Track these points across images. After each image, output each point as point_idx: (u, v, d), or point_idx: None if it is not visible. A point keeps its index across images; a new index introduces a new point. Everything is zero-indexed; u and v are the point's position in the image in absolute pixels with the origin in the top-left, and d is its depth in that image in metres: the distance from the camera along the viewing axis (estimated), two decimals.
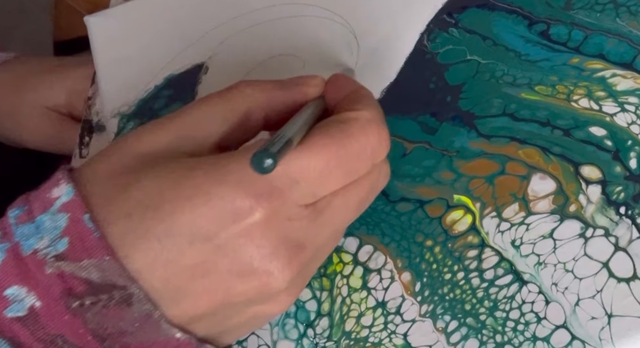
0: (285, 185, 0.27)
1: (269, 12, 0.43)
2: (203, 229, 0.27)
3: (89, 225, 0.26)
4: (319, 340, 0.36)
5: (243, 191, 0.27)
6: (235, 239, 0.27)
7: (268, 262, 0.27)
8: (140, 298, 0.26)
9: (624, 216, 0.34)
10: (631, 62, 0.37)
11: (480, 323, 0.34)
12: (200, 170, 0.27)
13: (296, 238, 0.28)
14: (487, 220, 0.36)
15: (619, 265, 0.33)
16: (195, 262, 0.27)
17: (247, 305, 0.29)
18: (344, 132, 0.28)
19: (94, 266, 0.26)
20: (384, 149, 0.30)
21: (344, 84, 0.33)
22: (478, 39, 0.40)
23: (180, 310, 0.27)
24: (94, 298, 0.26)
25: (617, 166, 0.35)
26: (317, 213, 0.28)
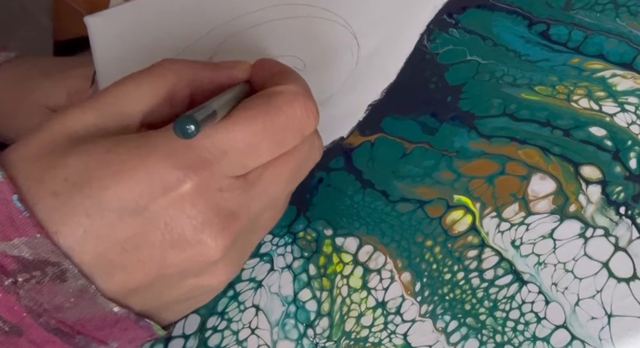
0: (213, 156, 0.28)
1: (269, 12, 0.43)
2: (132, 202, 0.27)
3: (17, 205, 0.27)
4: (319, 340, 0.36)
5: (170, 164, 0.27)
6: (165, 210, 0.27)
7: (200, 232, 0.27)
8: (74, 273, 0.27)
9: (624, 216, 0.34)
10: (631, 62, 0.37)
11: (480, 323, 0.34)
12: (126, 146, 0.28)
13: (228, 208, 0.28)
14: (487, 220, 0.36)
15: (619, 265, 0.33)
16: (126, 235, 0.27)
17: (184, 277, 0.29)
18: (270, 104, 0.29)
19: (25, 244, 0.27)
20: (312, 121, 0.30)
21: (270, 65, 0.33)
22: (478, 40, 0.40)
23: (115, 284, 0.28)
24: (27, 275, 0.27)
25: (617, 166, 0.35)
26: (248, 184, 0.29)
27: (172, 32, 0.44)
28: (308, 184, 0.39)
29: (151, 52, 0.45)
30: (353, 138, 0.40)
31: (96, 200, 0.27)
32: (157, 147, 0.27)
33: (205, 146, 0.28)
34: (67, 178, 0.27)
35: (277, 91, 0.30)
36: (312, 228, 0.38)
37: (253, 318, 0.37)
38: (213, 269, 0.29)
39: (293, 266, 0.37)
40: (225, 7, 0.43)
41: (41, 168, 0.28)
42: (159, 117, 0.31)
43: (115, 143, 0.28)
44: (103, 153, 0.28)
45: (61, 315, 0.28)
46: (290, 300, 0.37)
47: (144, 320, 0.29)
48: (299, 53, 0.42)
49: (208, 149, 0.28)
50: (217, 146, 0.28)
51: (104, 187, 0.27)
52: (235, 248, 0.29)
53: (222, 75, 0.33)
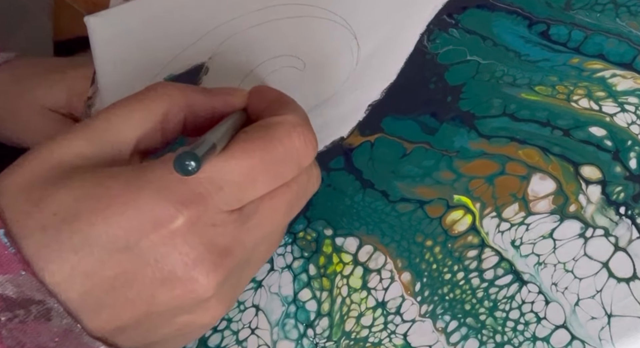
0: (207, 191, 0.27)
1: (270, 12, 0.43)
2: (121, 238, 0.26)
3: (3, 241, 0.26)
4: (319, 340, 0.36)
5: (162, 199, 0.26)
6: (156, 247, 0.26)
7: (192, 269, 0.27)
8: (59, 312, 0.26)
9: (624, 216, 0.34)
10: (631, 62, 0.37)
11: (480, 323, 0.34)
12: (117, 180, 0.27)
13: (222, 244, 0.27)
14: (487, 220, 0.36)
15: (618, 265, 0.33)
16: (115, 272, 0.26)
17: (174, 315, 0.28)
18: (269, 136, 0.28)
19: (9, 282, 0.26)
20: (311, 152, 0.29)
21: (267, 93, 0.33)
22: (478, 40, 0.40)
23: (102, 322, 0.27)
24: (10, 314, 0.26)
25: (617, 166, 0.35)
26: (244, 218, 0.28)
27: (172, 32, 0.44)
28: None
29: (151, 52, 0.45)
30: (353, 138, 0.40)
31: (85, 236, 0.26)
32: (149, 181, 0.27)
33: (200, 180, 0.27)
34: (56, 213, 0.26)
35: (275, 121, 0.29)
36: (312, 228, 0.38)
37: (253, 318, 0.37)
38: (205, 306, 0.28)
39: (293, 266, 0.37)
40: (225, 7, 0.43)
41: (30, 201, 0.27)
42: (152, 143, 0.30)
43: (106, 176, 0.27)
44: (94, 186, 0.27)
45: None
46: (290, 300, 0.37)
47: None
48: (299, 53, 0.42)
49: (203, 184, 0.27)
50: (212, 181, 0.27)
51: (93, 223, 0.26)
52: (228, 284, 0.28)
53: (217, 101, 0.32)
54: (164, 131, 0.31)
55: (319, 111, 0.40)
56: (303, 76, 0.41)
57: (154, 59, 0.45)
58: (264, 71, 0.42)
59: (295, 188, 0.30)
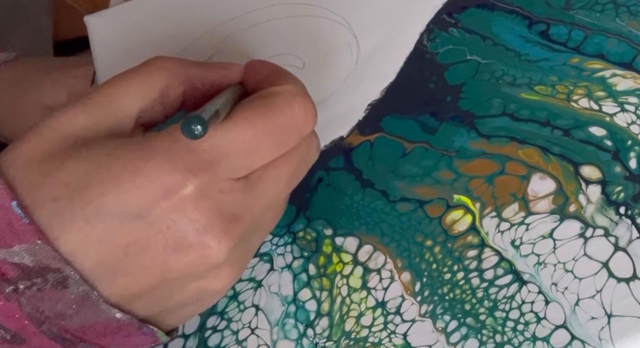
0: (214, 159, 0.27)
1: (269, 11, 0.43)
2: (133, 207, 0.27)
3: (17, 212, 0.26)
4: (318, 340, 0.36)
5: (171, 167, 0.27)
6: (167, 214, 0.27)
7: (203, 234, 0.27)
8: (75, 279, 0.26)
9: (624, 216, 0.34)
10: (631, 62, 0.37)
11: (480, 323, 0.34)
12: (126, 149, 0.27)
13: (230, 210, 0.28)
14: (487, 219, 0.36)
15: (618, 265, 0.33)
16: (128, 240, 0.27)
17: (187, 281, 0.29)
18: (269, 105, 0.29)
19: (25, 251, 0.26)
20: (311, 121, 0.30)
21: (263, 66, 0.33)
22: (478, 39, 0.40)
23: (118, 289, 0.27)
24: (28, 282, 0.26)
25: (617, 166, 0.35)
26: (249, 186, 0.29)
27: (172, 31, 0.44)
28: (308, 184, 0.39)
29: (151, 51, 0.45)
30: (353, 138, 0.40)
31: (97, 205, 0.26)
32: (157, 150, 0.27)
33: (206, 148, 0.27)
34: (67, 183, 0.27)
35: (275, 91, 0.30)
36: (311, 228, 0.38)
37: (253, 318, 0.37)
38: (217, 272, 0.29)
39: (293, 266, 0.37)
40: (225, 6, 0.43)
41: (40, 173, 0.27)
42: (152, 116, 0.31)
43: (115, 146, 0.28)
44: (103, 157, 0.27)
45: (63, 322, 0.27)
46: (290, 299, 0.37)
47: (147, 326, 0.29)
48: (299, 52, 0.42)
49: (209, 152, 0.27)
50: (217, 148, 0.28)
51: (104, 192, 0.27)
52: (238, 251, 0.29)
53: (215, 75, 0.33)
54: (164, 104, 0.31)
55: (318, 110, 0.40)
56: (303, 75, 0.41)
57: None
58: None
59: (297, 157, 0.30)
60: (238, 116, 0.28)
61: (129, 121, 0.30)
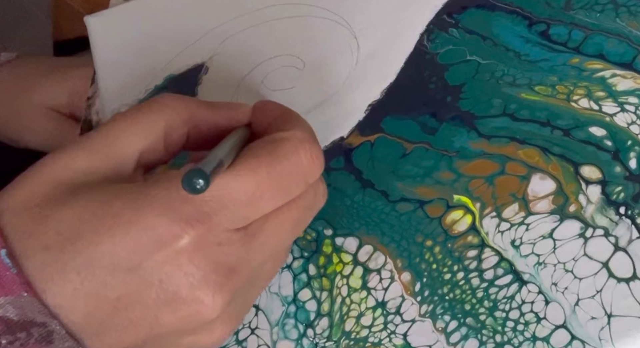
0: (213, 210, 0.26)
1: (269, 12, 0.43)
2: (125, 259, 0.26)
3: (5, 261, 0.25)
4: (318, 340, 0.36)
5: (167, 218, 0.26)
6: (160, 267, 0.26)
7: (197, 289, 0.26)
8: (61, 335, 0.25)
9: (624, 216, 0.34)
10: (631, 62, 0.37)
11: (480, 323, 0.34)
12: (121, 199, 0.26)
13: (227, 263, 0.27)
14: (487, 220, 0.36)
15: (618, 265, 0.33)
16: (118, 294, 0.26)
17: (179, 336, 0.27)
18: (275, 152, 0.28)
19: (10, 304, 0.25)
20: (318, 168, 0.29)
21: (271, 108, 0.32)
22: (478, 39, 0.40)
23: (106, 345, 0.26)
24: (11, 337, 0.25)
25: (617, 166, 0.35)
26: (249, 237, 0.27)
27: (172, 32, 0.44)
28: None
29: (151, 52, 0.45)
30: (353, 138, 0.40)
31: (88, 256, 0.25)
32: (153, 199, 0.26)
33: (206, 199, 0.26)
34: (59, 232, 0.26)
35: (281, 137, 0.28)
36: (311, 228, 0.38)
37: (253, 318, 0.37)
38: (210, 328, 0.28)
39: (293, 266, 0.37)
40: (225, 6, 0.43)
41: (32, 220, 0.26)
42: (155, 156, 0.30)
43: (110, 194, 0.27)
44: (98, 204, 0.26)
45: None
46: (290, 300, 0.37)
47: None
48: (299, 53, 0.42)
49: (208, 203, 0.26)
50: (218, 199, 0.26)
51: (97, 242, 0.26)
52: (233, 305, 0.28)
53: (221, 116, 0.31)
54: (167, 144, 0.30)
55: (318, 110, 0.40)
56: (303, 76, 0.41)
57: (154, 59, 0.45)
58: (264, 70, 0.42)
59: (302, 205, 0.29)
60: (242, 165, 0.27)
61: (130, 162, 0.29)
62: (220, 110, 0.32)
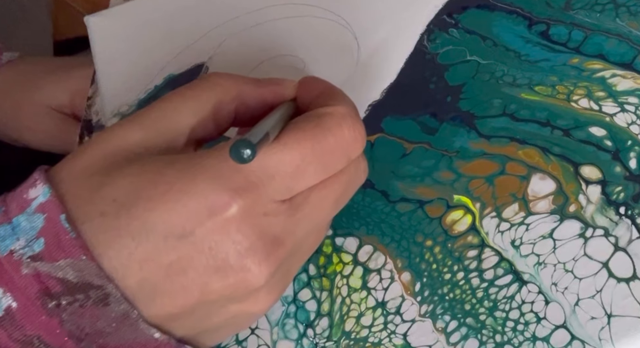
0: (260, 180, 0.27)
1: (270, 12, 0.43)
2: (178, 226, 0.26)
3: (65, 225, 0.26)
4: (318, 340, 0.36)
5: (218, 187, 0.27)
6: (210, 235, 0.27)
7: (245, 258, 0.27)
8: (117, 297, 0.26)
9: (624, 216, 0.34)
10: (631, 62, 0.37)
11: (480, 323, 0.34)
12: (174, 167, 0.27)
13: (273, 233, 0.27)
14: (487, 220, 0.36)
15: (618, 265, 0.33)
16: (170, 259, 0.27)
17: (226, 304, 0.28)
18: (320, 126, 0.28)
19: (70, 266, 0.26)
20: (360, 144, 0.30)
21: (316, 84, 0.33)
22: (478, 40, 0.40)
23: (158, 309, 0.27)
24: (71, 298, 0.26)
25: (617, 166, 0.35)
26: (294, 209, 0.28)
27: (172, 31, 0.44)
28: None
29: (151, 51, 0.45)
30: None
31: (143, 223, 0.26)
32: (205, 169, 0.27)
33: (253, 169, 0.27)
34: (115, 199, 0.27)
35: (326, 112, 0.29)
36: None
37: None
38: (255, 296, 0.28)
39: None
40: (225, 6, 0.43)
41: (90, 187, 0.27)
42: (205, 132, 0.31)
43: (164, 163, 0.28)
44: (152, 173, 0.27)
45: (102, 340, 0.27)
46: (290, 299, 0.37)
47: (184, 346, 0.29)
48: (300, 53, 0.42)
49: (256, 173, 0.27)
50: (264, 170, 0.27)
51: (150, 209, 0.26)
52: (278, 275, 0.28)
53: (268, 92, 0.32)
54: (217, 120, 0.31)
55: None
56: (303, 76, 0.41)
57: (154, 59, 0.45)
58: (264, 70, 0.42)
59: (344, 180, 0.30)
60: (287, 137, 0.28)
61: (181, 137, 0.30)
62: (266, 86, 0.32)
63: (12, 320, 0.26)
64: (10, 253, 0.27)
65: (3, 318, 0.26)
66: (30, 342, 0.27)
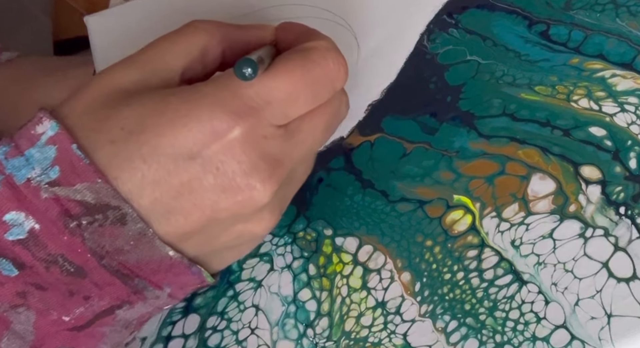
0: (258, 105, 0.29)
1: (270, 12, 0.43)
2: (186, 148, 0.28)
3: (77, 153, 0.28)
4: (318, 340, 0.36)
5: (220, 110, 0.28)
6: (216, 156, 0.28)
7: (249, 176, 0.29)
8: (133, 217, 0.28)
9: (624, 216, 0.34)
10: (631, 62, 0.37)
11: (480, 323, 0.34)
12: (177, 96, 0.29)
13: (273, 154, 0.29)
14: (486, 220, 0.36)
15: (618, 265, 0.33)
16: (181, 180, 0.28)
17: (233, 222, 0.30)
18: (307, 58, 0.30)
19: (87, 189, 0.28)
20: (343, 75, 0.31)
21: (294, 26, 0.35)
22: (478, 40, 0.40)
23: (171, 228, 0.29)
24: (90, 218, 0.28)
25: (617, 166, 0.35)
26: (289, 134, 0.30)
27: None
28: (308, 184, 0.39)
29: None
30: (353, 138, 0.40)
31: (152, 146, 0.28)
32: (207, 96, 0.29)
33: (251, 95, 0.29)
34: (123, 127, 0.28)
35: (311, 45, 0.31)
36: (311, 228, 0.38)
37: (253, 318, 0.37)
38: (260, 215, 0.30)
39: (293, 266, 0.37)
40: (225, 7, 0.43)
41: (97, 119, 0.29)
42: (194, 74, 0.32)
43: (166, 93, 0.29)
44: (156, 102, 0.29)
45: (122, 257, 0.29)
46: (290, 300, 0.37)
47: (195, 265, 0.30)
48: None
49: (253, 98, 0.29)
50: (261, 96, 0.29)
51: (159, 134, 0.28)
52: (278, 196, 0.30)
53: (250, 35, 0.34)
54: (204, 63, 0.33)
55: None
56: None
57: None
58: None
59: (330, 110, 0.32)
60: (278, 67, 0.30)
61: (174, 76, 0.31)
62: (249, 29, 0.34)
63: (36, 240, 0.28)
64: (27, 181, 0.28)
65: (27, 240, 0.28)
66: (55, 260, 0.28)
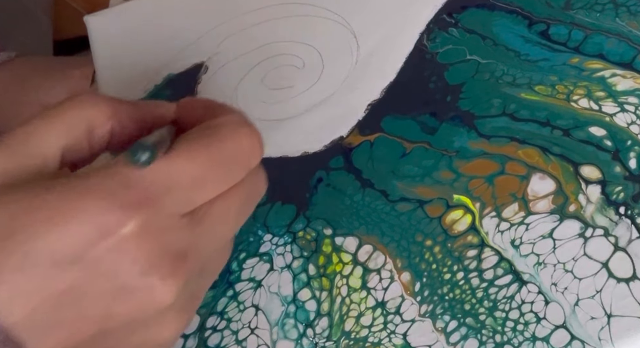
0: (156, 194, 0.25)
1: (269, 12, 0.43)
2: (67, 251, 0.24)
3: None
4: (318, 340, 0.36)
5: (108, 205, 0.24)
6: (107, 256, 0.24)
7: (147, 275, 0.25)
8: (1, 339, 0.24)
9: (624, 216, 0.34)
10: (631, 62, 0.37)
11: (480, 323, 0.34)
12: (53, 190, 0.25)
13: (176, 248, 0.26)
14: (486, 219, 0.36)
15: (618, 265, 0.33)
16: (63, 287, 0.24)
17: (130, 331, 0.26)
18: (214, 136, 0.27)
19: None
20: (258, 152, 0.28)
21: (197, 102, 0.32)
22: (478, 39, 0.40)
23: (54, 344, 0.25)
24: None
25: (617, 166, 0.35)
26: (195, 222, 0.27)
27: (172, 31, 0.44)
28: (308, 184, 0.39)
29: (151, 51, 0.45)
30: (353, 138, 0.40)
31: (24, 254, 0.24)
32: (91, 188, 0.25)
33: (145, 183, 0.25)
34: None
35: (218, 122, 0.28)
36: (311, 228, 0.38)
37: (252, 317, 0.37)
38: (163, 319, 0.26)
39: (292, 266, 0.37)
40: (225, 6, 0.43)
41: None
42: (79, 154, 0.29)
43: (42, 188, 0.25)
44: (29, 200, 0.25)
45: None
46: (290, 299, 0.37)
47: None
48: (299, 52, 0.42)
49: (149, 188, 0.25)
50: (159, 183, 0.25)
51: (31, 238, 0.24)
52: (185, 294, 0.26)
53: (146, 113, 0.30)
54: (91, 141, 0.29)
55: (318, 110, 0.40)
56: (302, 75, 0.41)
57: (154, 59, 0.45)
58: (264, 69, 0.42)
59: (245, 190, 0.28)
60: (180, 147, 0.26)
61: (53, 160, 0.28)
62: (144, 105, 0.31)
63: None
64: None
65: None
66: None
